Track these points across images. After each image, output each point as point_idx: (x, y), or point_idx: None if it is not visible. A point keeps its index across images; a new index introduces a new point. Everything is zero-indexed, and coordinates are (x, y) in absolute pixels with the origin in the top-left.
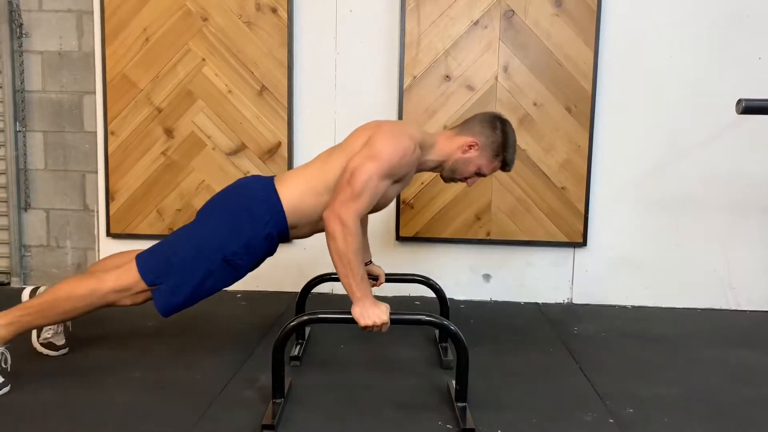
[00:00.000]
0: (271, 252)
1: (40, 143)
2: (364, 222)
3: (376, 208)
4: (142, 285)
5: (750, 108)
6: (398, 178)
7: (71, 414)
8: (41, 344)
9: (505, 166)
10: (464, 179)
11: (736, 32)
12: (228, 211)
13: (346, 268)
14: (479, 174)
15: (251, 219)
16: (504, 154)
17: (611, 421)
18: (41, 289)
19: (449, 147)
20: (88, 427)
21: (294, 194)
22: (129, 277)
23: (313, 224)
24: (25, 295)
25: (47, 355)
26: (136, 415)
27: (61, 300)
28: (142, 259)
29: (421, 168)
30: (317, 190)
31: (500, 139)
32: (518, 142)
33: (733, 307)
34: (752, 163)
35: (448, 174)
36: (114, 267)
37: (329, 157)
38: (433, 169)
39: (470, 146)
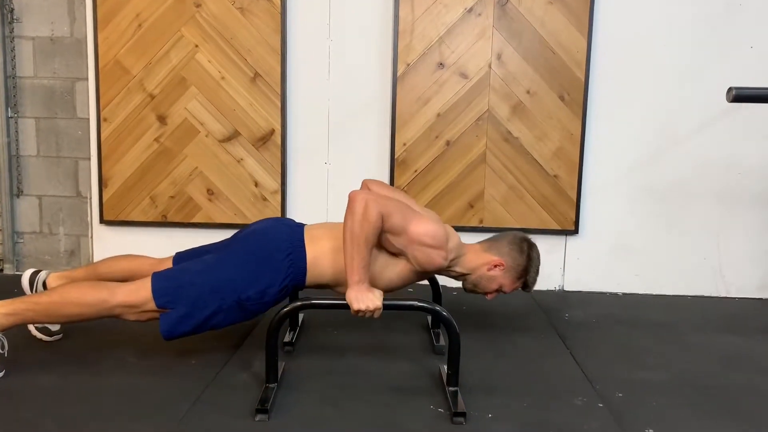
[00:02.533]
0: (282, 300)
1: (32, 129)
2: None
3: (389, 287)
4: (152, 306)
5: (740, 96)
6: (410, 258)
7: (69, 398)
8: (36, 329)
9: (526, 287)
10: (485, 293)
11: (728, 21)
12: (253, 257)
13: (354, 249)
14: (500, 291)
15: (273, 270)
16: (526, 277)
17: (601, 405)
18: (42, 273)
19: (476, 262)
20: (86, 411)
21: (321, 253)
22: (141, 295)
23: (331, 282)
24: (25, 278)
25: (41, 339)
26: (132, 399)
27: (70, 304)
28: (158, 280)
29: (443, 274)
30: None
31: (525, 264)
32: (511, 130)
33: (723, 295)
34: (745, 151)
35: (470, 286)
36: (124, 271)
37: None
38: (455, 278)
39: (496, 265)
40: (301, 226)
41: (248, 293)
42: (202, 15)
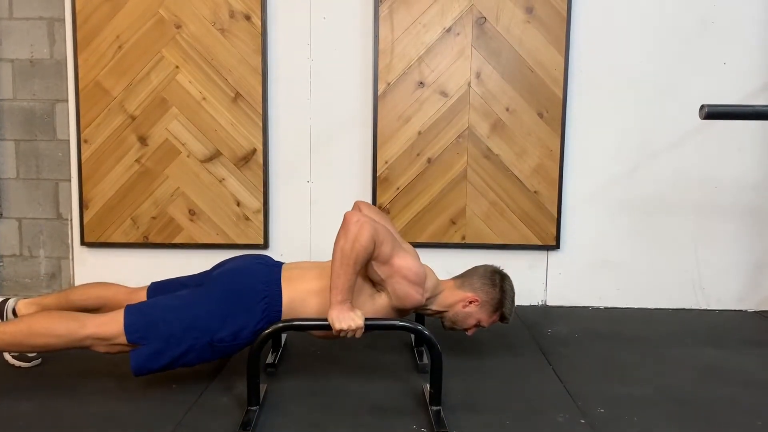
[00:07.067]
0: (253, 341)
1: (11, 152)
2: None
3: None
4: (123, 340)
5: (712, 113)
6: (389, 291)
7: (49, 424)
8: (13, 356)
9: (504, 319)
10: (464, 329)
11: (702, 38)
12: (228, 297)
13: (342, 268)
14: (478, 326)
15: (247, 312)
16: (502, 309)
17: (582, 421)
18: (11, 300)
19: (451, 299)
20: None
21: (298, 296)
22: (112, 328)
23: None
24: None
25: (20, 366)
26: (112, 425)
27: (38, 335)
28: (130, 315)
29: (420, 312)
30: (324, 291)
31: (499, 296)
32: (491, 147)
33: (703, 307)
34: (719, 165)
35: (449, 324)
36: (98, 300)
37: None
38: (432, 315)
39: (471, 302)
40: (278, 265)
41: (221, 335)
42: (182, 36)
